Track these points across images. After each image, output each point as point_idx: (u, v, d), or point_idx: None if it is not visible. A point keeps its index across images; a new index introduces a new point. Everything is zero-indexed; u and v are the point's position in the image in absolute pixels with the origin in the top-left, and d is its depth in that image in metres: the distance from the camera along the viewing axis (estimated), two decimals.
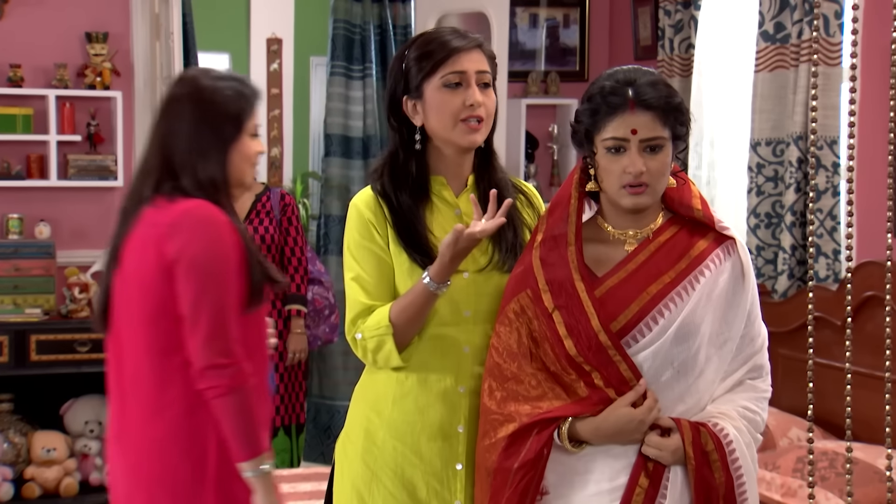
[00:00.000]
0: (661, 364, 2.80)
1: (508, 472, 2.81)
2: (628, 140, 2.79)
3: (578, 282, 2.81)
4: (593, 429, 2.78)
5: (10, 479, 6.48)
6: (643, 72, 2.86)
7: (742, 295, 2.88)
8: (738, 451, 2.79)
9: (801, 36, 5.62)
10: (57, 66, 6.74)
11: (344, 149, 7.73)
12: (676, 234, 2.90)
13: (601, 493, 2.79)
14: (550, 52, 7.67)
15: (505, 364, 2.89)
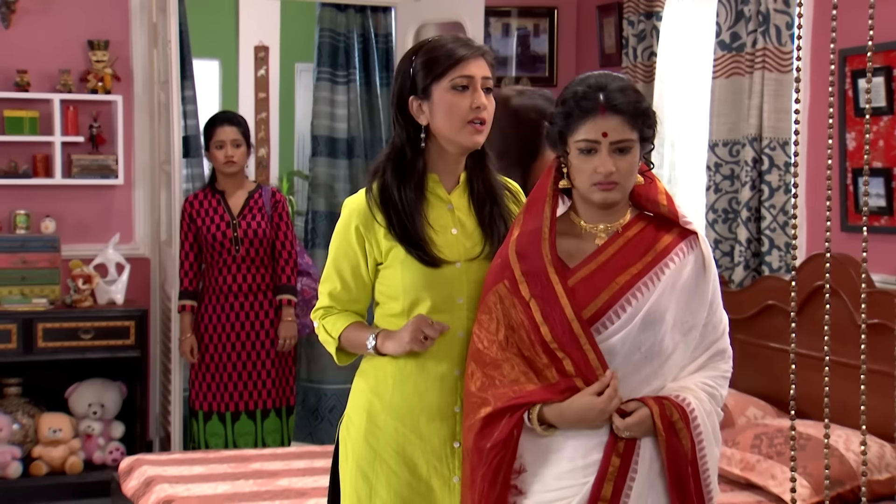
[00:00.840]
0: (629, 349, 2.80)
1: (482, 452, 2.81)
2: (599, 142, 2.80)
3: (552, 274, 2.81)
4: (558, 414, 2.78)
5: (19, 458, 6.49)
6: (613, 77, 2.87)
7: (704, 285, 2.89)
8: (700, 419, 2.79)
9: (756, 45, 5.68)
10: (61, 71, 6.75)
11: (330, 149, 7.73)
12: (643, 229, 2.91)
13: (575, 469, 2.78)
14: (522, 59, 7.66)
15: (485, 350, 2.89)
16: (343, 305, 3.17)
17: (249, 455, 5.26)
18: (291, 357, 6.38)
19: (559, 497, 2.78)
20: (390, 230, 3.07)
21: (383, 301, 3.15)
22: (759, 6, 5.64)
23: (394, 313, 3.11)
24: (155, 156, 7.06)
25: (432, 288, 3.05)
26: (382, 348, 3.05)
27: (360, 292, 3.16)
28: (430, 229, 3.08)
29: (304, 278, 6.46)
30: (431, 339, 2.98)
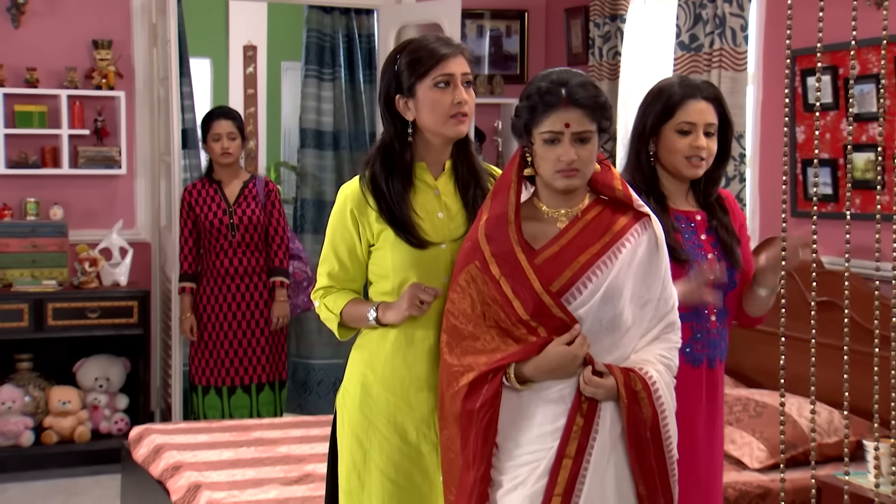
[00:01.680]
0: (591, 321, 2.83)
1: (472, 413, 2.82)
2: (562, 133, 2.82)
3: (520, 254, 2.84)
4: (534, 367, 2.80)
5: (31, 428, 6.52)
6: (574, 73, 2.90)
7: (657, 263, 2.93)
8: (661, 391, 2.83)
9: (713, 46, 5.71)
10: (67, 69, 6.76)
11: (317, 141, 7.76)
12: (601, 213, 2.93)
13: (544, 434, 2.81)
14: (495, 58, 7.67)
15: (461, 325, 2.91)
16: (341, 284, 3.19)
17: (249, 424, 5.28)
18: (284, 335, 6.41)
19: (530, 460, 2.82)
20: (381, 215, 3.09)
21: (376, 280, 3.17)
22: (716, 10, 5.68)
23: (385, 291, 3.13)
24: (155, 147, 7.07)
25: (419, 267, 3.07)
26: (383, 318, 3.07)
27: (357, 272, 3.18)
28: (417, 215, 3.10)
29: (295, 262, 6.48)
30: (427, 303, 3.00)
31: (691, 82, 3.38)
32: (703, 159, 3.29)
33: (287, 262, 6.33)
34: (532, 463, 2.81)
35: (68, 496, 6.13)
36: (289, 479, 4.33)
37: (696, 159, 3.28)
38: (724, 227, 3.36)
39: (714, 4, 5.70)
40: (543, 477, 2.79)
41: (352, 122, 7.82)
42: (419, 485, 3.10)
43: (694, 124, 3.28)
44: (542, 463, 2.80)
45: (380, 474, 3.09)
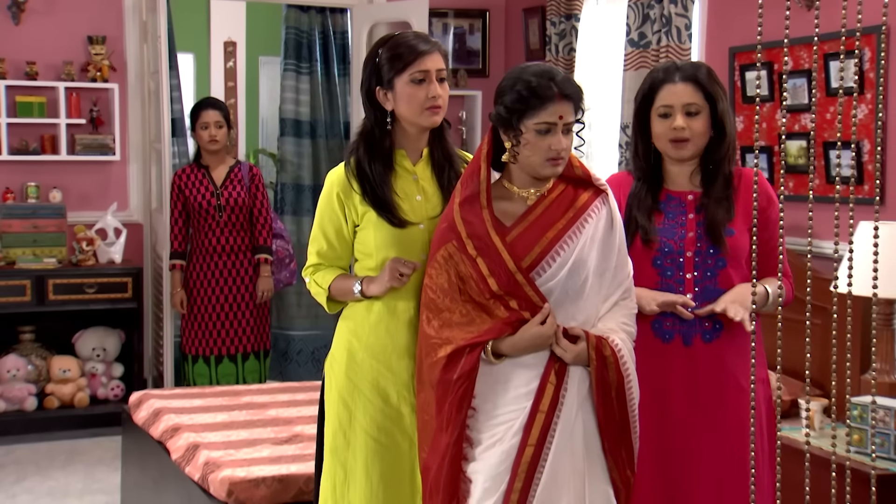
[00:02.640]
0: (560, 291, 2.87)
1: (449, 383, 2.84)
2: (556, 124, 2.84)
3: (493, 234, 2.86)
4: (510, 345, 2.84)
5: (34, 394, 6.52)
6: (555, 69, 2.92)
7: (613, 235, 2.95)
8: (626, 356, 2.87)
9: (660, 43, 5.74)
10: (65, 63, 6.73)
11: (295, 130, 7.77)
12: (563, 191, 2.96)
13: (519, 396, 2.85)
14: (458, 54, 7.66)
15: (438, 299, 2.92)
16: (329, 262, 3.21)
17: (240, 390, 5.29)
18: (267, 307, 6.42)
19: (507, 420, 2.85)
20: (364, 197, 3.10)
21: (361, 258, 3.19)
22: (662, 10, 5.71)
23: (370, 267, 3.15)
24: (146, 135, 7.05)
25: (400, 245, 3.09)
26: (368, 291, 3.09)
27: (343, 250, 3.20)
28: (397, 196, 3.12)
29: (277, 240, 6.49)
30: (406, 275, 3.02)
31: (671, 65, 3.23)
32: (686, 140, 3.13)
33: (270, 240, 6.34)
34: (509, 422, 2.85)
35: (70, 456, 6.13)
36: (279, 440, 4.35)
37: (677, 142, 3.13)
38: (721, 203, 3.14)
39: (661, 5, 5.73)
40: (519, 433, 2.83)
41: (327, 113, 7.83)
42: (399, 443, 3.12)
43: (671, 106, 3.13)
44: (517, 421, 2.84)
45: (364, 433, 3.11)
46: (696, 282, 3.13)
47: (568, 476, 2.84)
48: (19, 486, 5.59)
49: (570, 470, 2.84)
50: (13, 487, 5.57)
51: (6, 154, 6.61)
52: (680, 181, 3.22)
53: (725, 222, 3.13)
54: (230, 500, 3.81)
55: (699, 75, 3.15)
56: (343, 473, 3.14)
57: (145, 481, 4.74)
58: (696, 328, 3.13)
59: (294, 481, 3.88)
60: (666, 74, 3.19)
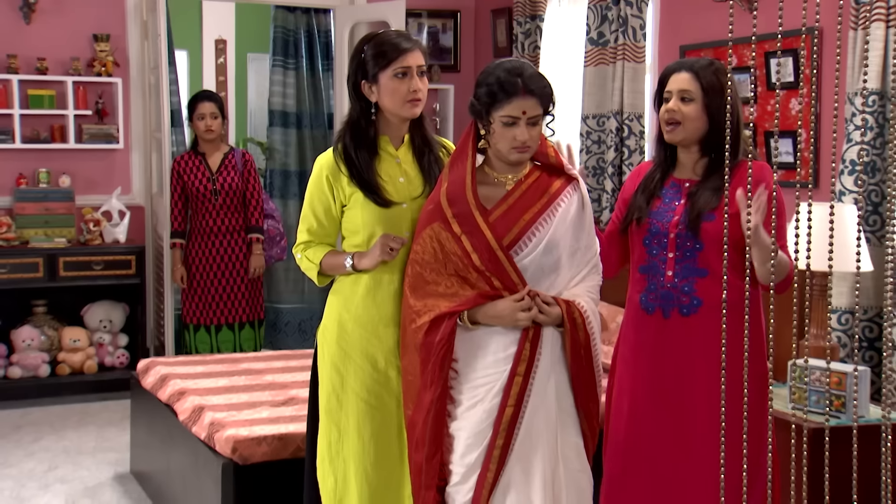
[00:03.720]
0: (535, 268, 2.92)
1: (432, 345, 2.89)
2: (520, 117, 2.88)
3: (477, 214, 2.89)
4: (483, 314, 2.88)
5: (47, 362, 6.51)
6: (526, 65, 2.94)
7: (584, 218, 3.00)
8: (591, 317, 2.93)
9: (617, 41, 5.79)
10: (72, 59, 6.69)
11: (283, 121, 7.75)
12: (539, 177, 3.00)
13: (498, 360, 2.90)
14: (432, 51, 7.64)
15: (423, 272, 2.96)
16: (319, 239, 3.22)
17: (238, 357, 5.31)
18: (260, 281, 6.43)
19: (487, 382, 2.90)
20: (351, 179, 3.12)
21: (348, 235, 3.21)
22: (619, 11, 5.75)
23: (356, 244, 3.16)
24: (147, 125, 7.02)
25: (385, 223, 3.11)
26: (359, 265, 3.11)
27: (332, 228, 3.21)
28: (382, 179, 3.13)
29: (269, 220, 6.48)
30: (396, 249, 3.04)
31: (682, 60, 3.22)
32: (677, 123, 3.08)
33: (262, 220, 6.34)
34: (489, 384, 2.90)
35: (82, 417, 6.13)
36: (277, 402, 4.37)
37: (669, 123, 3.10)
38: (706, 191, 3.07)
39: (618, 7, 5.77)
40: (499, 394, 2.88)
41: (312, 105, 7.82)
42: (387, 403, 3.15)
43: (670, 92, 3.11)
44: (496, 383, 2.89)
45: (355, 396, 3.14)
46: (676, 261, 3.11)
47: (542, 430, 2.90)
48: (37, 444, 5.59)
49: (544, 425, 2.91)
50: (31, 446, 5.57)
51: (19, 142, 6.57)
52: (685, 169, 3.19)
53: (706, 209, 3.05)
54: (234, 456, 3.84)
55: (696, 65, 3.10)
56: (337, 432, 3.17)
57: (153, 440, 4.76)
58: (673, 302, 3.10)
59: (292, 439, 3.91)
60: (677, 66, 3.17)
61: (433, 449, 2.95)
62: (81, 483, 4.98)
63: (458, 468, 2.93)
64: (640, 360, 3.16)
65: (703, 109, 3.07)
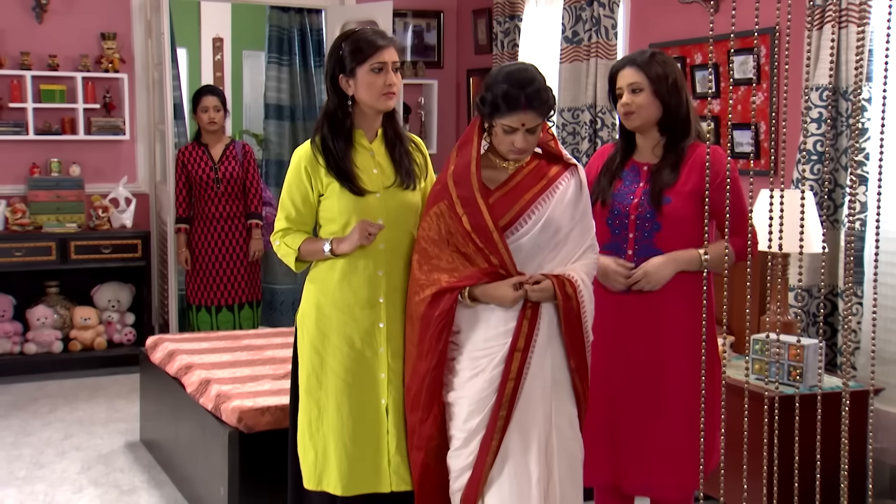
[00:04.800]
0: (533, 245, 2.93)
1: (431, 318, 2.91)
2: (518, 128, 2.90)
3: (479, 197, 2.90)
4: (482, 292, 2.90)
5: (60, 338, 6.51)
6: (530, 78, 2.89)
7: (581, 200, 3.00)
8: (583, 288, 2.92)
9: (591, 40, 5.80)
10: (81, 56, 6.66)
11: (277, 114, 7.73)
12: (539, 164, 3.01)
13: (498, 334, 2.91)
14: (417, 48, 7.67)
15: (429, 248, 2.98)
16: (297, 226, 3.18)
17: (240, 335, 5.30)
18: (258, 264, 6.44)
19: (488, 353, 2.92)
20: (329, 170, 3.11)
21: (324, 223, 3.18)
22: (592, 12, 5.77)
23: (333, 231, 3.14)
24: (151, 118, 7.00)
25: (360, 211, 3.09)
26: (337, 249, 3.07)
27: (309, 216, 3.18)
28: (357, 169, 3.12)
29: (267, 207, 6.49)
30: (373, 234, 3.04)
31: (628, 55, 3.26)
32: (632, 112, 3.17)
33: (261, 207, 6.34)
34: (489, 355, 2.91)
35: (93, 391, 6.12)
36: (278, 375, 4.38)
37: (625, 115, 3.19)
38: (663, 172, 3.15)
39: (591, 7, 5.79)
40: (499, 365, 2.90)
41: (305, 99, 7.80)
42: (364, 381, 3.13)
43: (621, 87, 3.20)
44: (497, 355, 2.91)
45: (333, 375, 3.13)
46: (636, 241, 3.18)
47: (538, 400, 2.93)
48: (53, 415, 5.59)
49: (540, 396, 2.93)
50: (48, 416, 5.57)
51: (32, 134, 6.53)
52: (645, 153, 3.24)
53: (663, 189, 3.12)
54: (240, 425, 3.86)
55: (638, 59, 3.18)
56: (317, 410, 3.16)
57: (162, 411, 4.77)
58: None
59: None
60: (620, 63, 3.25)
61: (425, 414, 2.98)
62: (95, 450, 4.99)
63: (460, 433, 2.95)
64: (604, 332, 3.16)
65: (653, 95, 3.15)
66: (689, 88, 5.27)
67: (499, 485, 2.91)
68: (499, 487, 2.91)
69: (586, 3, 5.82)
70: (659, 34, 5.53)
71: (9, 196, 6.56)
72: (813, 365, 3.87)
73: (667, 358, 3.17)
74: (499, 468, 2.91)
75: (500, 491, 2.91)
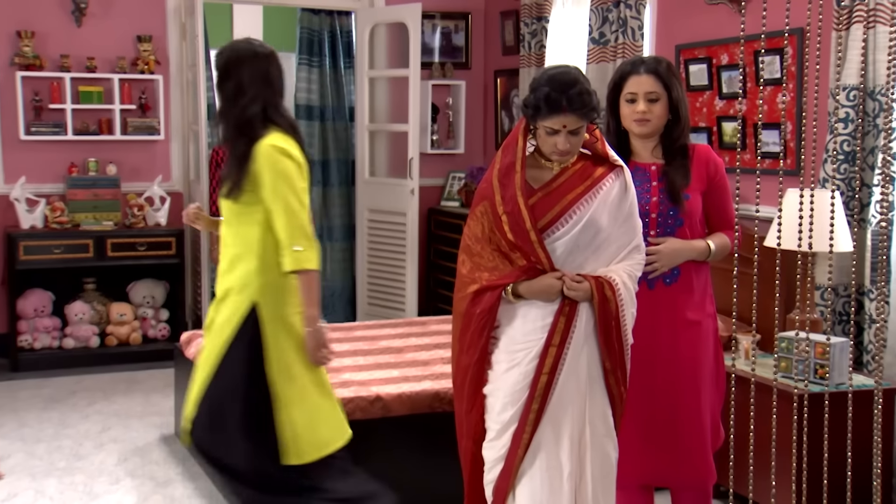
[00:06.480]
0: (573, 245, 2.91)
1: (472, 315, 2.91)
2: (560, 130, 2.88)
3: (520, 198, 2.88)
4: (527, 287, 2.89)
5: (97, 334, 6.56)
6: (572, 81, 2.87)
7: (626, 200, 2.97)
8: (622, 290, 2.89)
9: (617, 41, 5.76)
10: (118, 58, 6.70)
11: (307, 114, 7.75)
12: (584, 165, 2.98)
13: (535, 328, 2.90)
14: (445, 49, 7.64)
15: (472, 245, 2.98)
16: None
17: None
18: None
19: (524, 347, 2.91)
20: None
21: None
22: (619, 13, 5.73)
23: None
24: (185, 119, 7.04)
25: None
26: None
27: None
28: None
29: None
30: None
31: (638, 59, 3.28)
32: (647, 120, 3.19)
33: None
34: (526, 349, 2.91)
35: (130, 384, 6.15)
36: None
37: (640, 122, 3.20)
38: (679, 172, 3.21)
39: (618, 8, 5.75)
40: (535, 359, 2.89)
41: (334, 99, 7.82)
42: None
43: (636, 93, 3.20)
44: (533, 349, 2.90)
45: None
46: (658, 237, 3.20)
47: (573, 396, 2.91)
48: (91, 408, 5.62)
49: (575, 391, 2.91)
50: (86, 409, 5.60)
51: (71, 134, 6.58)
52: (644, 154, 3.27)
53: (684, 187, 3.19)
54: None
55: (659, 68, 3.21)
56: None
57: None
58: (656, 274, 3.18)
59: None
60: (633, 67, 3.24)
61: (470, 405, 3.01)
62: (132, 443, 5.02)
63: (495, 425, 2.95)
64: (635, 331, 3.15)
65: (667, 105, 3.20)
66: (716, 89, 5.24)
67: (530, 476, 2.90)
68: (530, 479, 2.90)
69: (613, 4, 5.78)
70: (685, 35, 5.49)
71: (48, 195, 6.61)
72: (839, 363, 3.83)
73: (676, 347, 3.20)
74: (530, 461, 2.90)
75: (531, 483, 2.90)
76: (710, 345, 3.25)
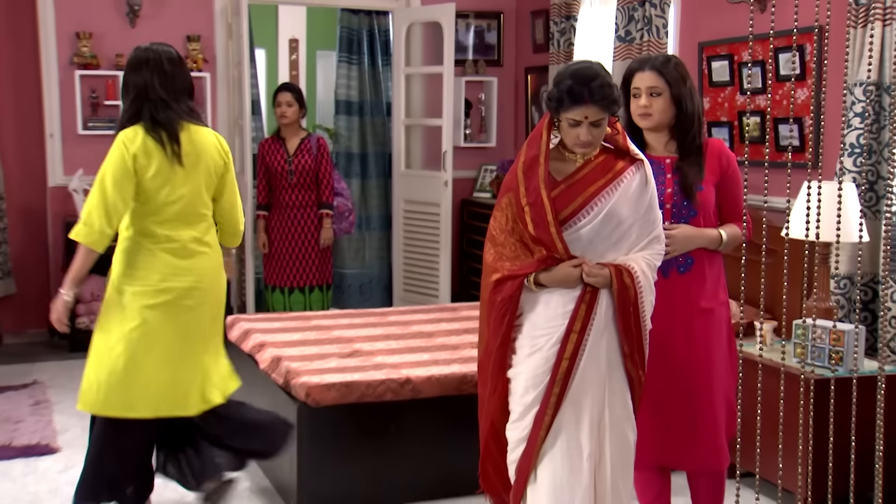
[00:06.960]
0: (594, 236, 2.89)
1: (495, 302, 2.92)
2: (582, 122, 2.87)
3: (543, 190, 2.87)
4: (548, 276, 2.88)
5: None
6: (594, 74, 2.86)
7: (646, 193, 2.95)
8: (641, 277, 2.87)
9: (642, 39, 5.73)
10: None
11: (347, 109, 7.76)
12: (606, 158, 2.96)
13: (557, 315, 2.89)
14: (478, 47, 7.63)
15: (497, 235, 2.97)
16: None
17: (309, 315, 5.30)
18: (330, 250, 6.45)
19: (546, 333, 2.90)
20: None
21: None
22: (644, 12, 5.69)
23: None
24: (231, 114, 7.08)
25: None
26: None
27: None
28: None
29: (339, 198, 6.46)
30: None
31: (644, 57, 3.29)
32: (649, 114, 3.19)
33: (332, 198, 6.32)
34: (548, 334, 2.90)
35: None
36: (343, 354, 4.40)
37: (643, 115, 3.21)
38: (693, 166, 3.20)
39: (643, 7, 5.71)
40: (556, 344, 2.89)
41: (373, 95, 7.82)
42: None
43: (639, 89, 3.21)
44: (555, 335, 2.89)
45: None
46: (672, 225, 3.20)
47: (593, 379, 2.90)
48: None
49: (595, 376, 2.91)
50: None
51: None
52: (658, 148, 3.27)
53: (698, 180, 3.19)
54: (308, 400, 3.89)
55: (662, 65, 3.20)
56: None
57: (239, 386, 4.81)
58: (672, 263, 3.17)
59: (357, 387, 3.94)
60: (639, 65, 3.26)
61: (493, 388, 3.01)
62: None
63: (518, 407, 2.96)
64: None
65: (671, 100, 3.19)
66: (738, 85, 5.18)
67: (551, 457, 2.90)
68: (551, 459, 2.90)
69: (638, 3, 5.74)
70: (708, 33, 5.43)
71: None
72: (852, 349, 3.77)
73: (690, 334, 3.19)
74: (551, 442, 2.90)
75: (552, 463, 2.90)
76: (724, 332, 3.24)
